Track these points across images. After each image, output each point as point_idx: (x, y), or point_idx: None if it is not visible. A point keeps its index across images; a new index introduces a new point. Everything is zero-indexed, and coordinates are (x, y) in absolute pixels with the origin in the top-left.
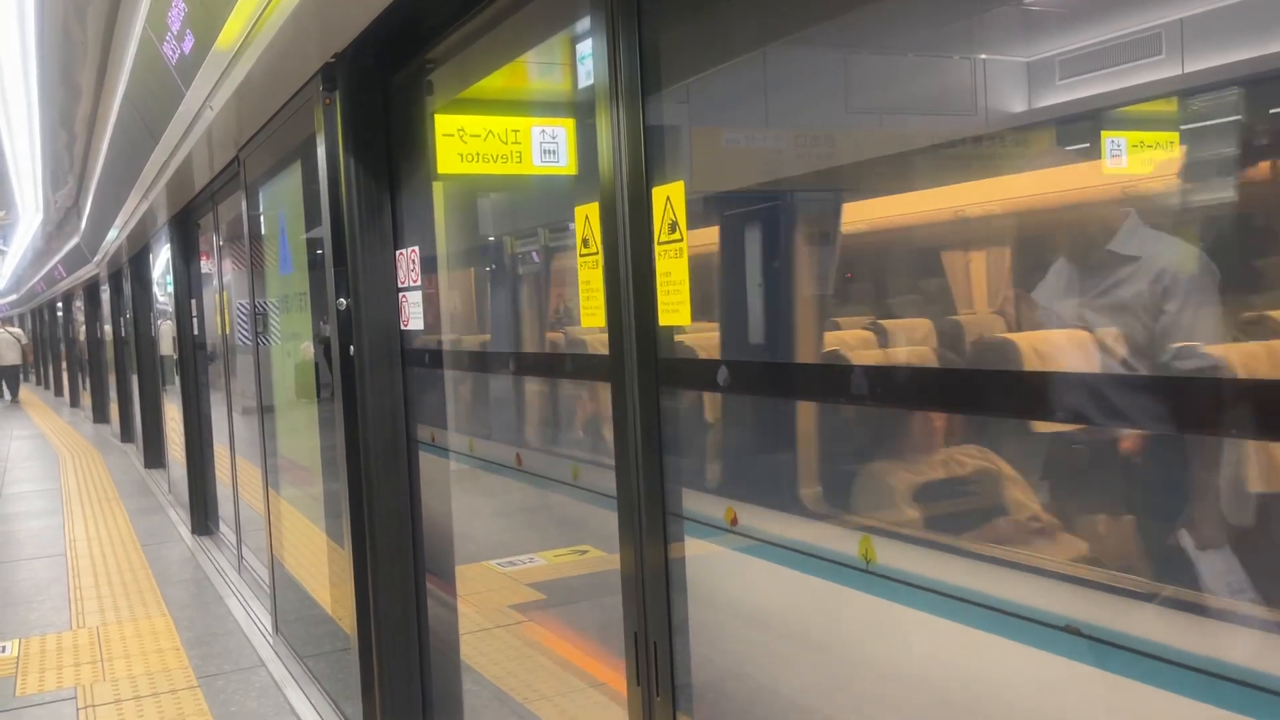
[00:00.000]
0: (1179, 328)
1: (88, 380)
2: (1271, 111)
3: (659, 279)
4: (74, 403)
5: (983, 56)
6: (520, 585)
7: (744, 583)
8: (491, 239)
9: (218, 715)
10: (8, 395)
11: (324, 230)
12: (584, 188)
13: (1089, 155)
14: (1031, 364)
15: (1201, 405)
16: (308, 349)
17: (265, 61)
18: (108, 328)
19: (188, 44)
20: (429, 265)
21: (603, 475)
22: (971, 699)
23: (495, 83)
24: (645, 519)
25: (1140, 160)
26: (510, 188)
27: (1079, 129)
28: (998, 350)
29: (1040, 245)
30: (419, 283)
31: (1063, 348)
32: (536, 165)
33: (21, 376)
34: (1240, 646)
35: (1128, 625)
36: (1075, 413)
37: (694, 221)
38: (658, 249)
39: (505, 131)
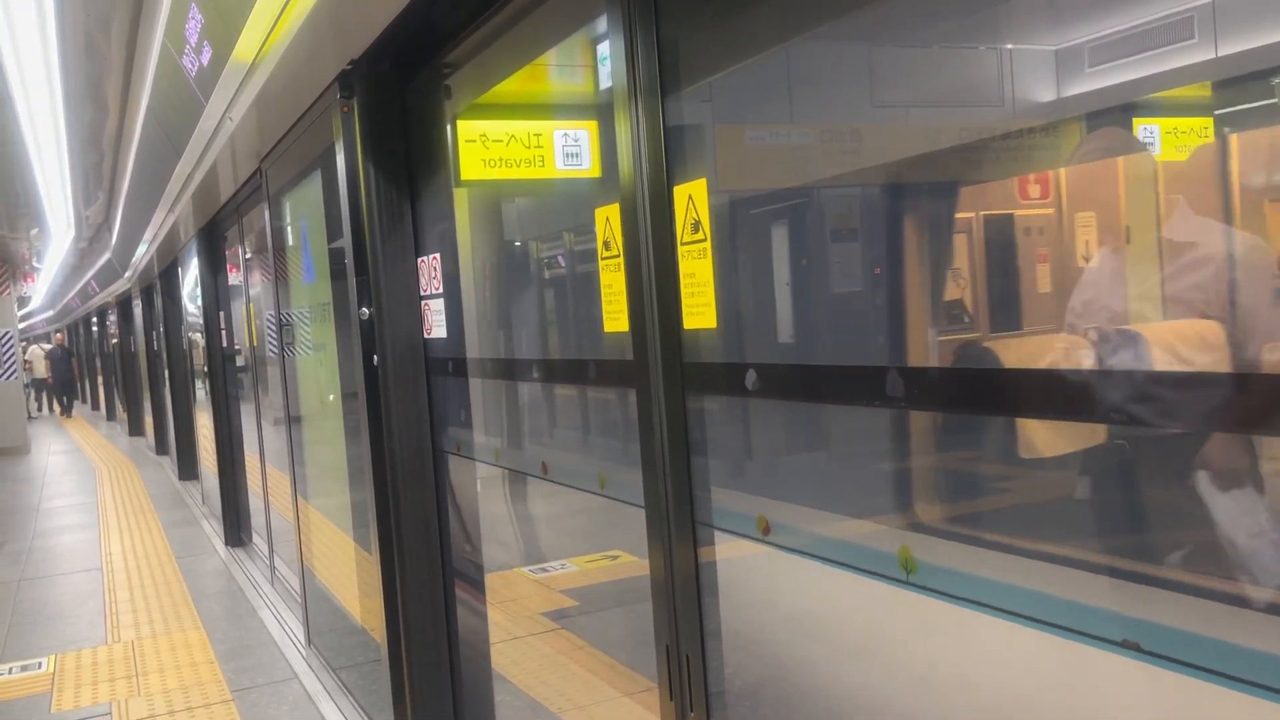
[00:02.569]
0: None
1: (123, 394)
2: None
3: (682, 280)
4: (110, 416)
5: (1009, 46)
6: (553, 592)
7: None
8: None
9: None
10: (44, 408)
11: (345, 239)
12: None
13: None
14: None
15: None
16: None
17: (282, 70)
18: (141, 342)
19: (206, 56)
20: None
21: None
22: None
23: (514, 86)
24: (674, 527)
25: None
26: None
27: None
28: None
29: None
30: (440, 290)
31: None
32: (560, 169)
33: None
34: None
35: None
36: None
37: None
38: (680, 250)
39: (527, 136)
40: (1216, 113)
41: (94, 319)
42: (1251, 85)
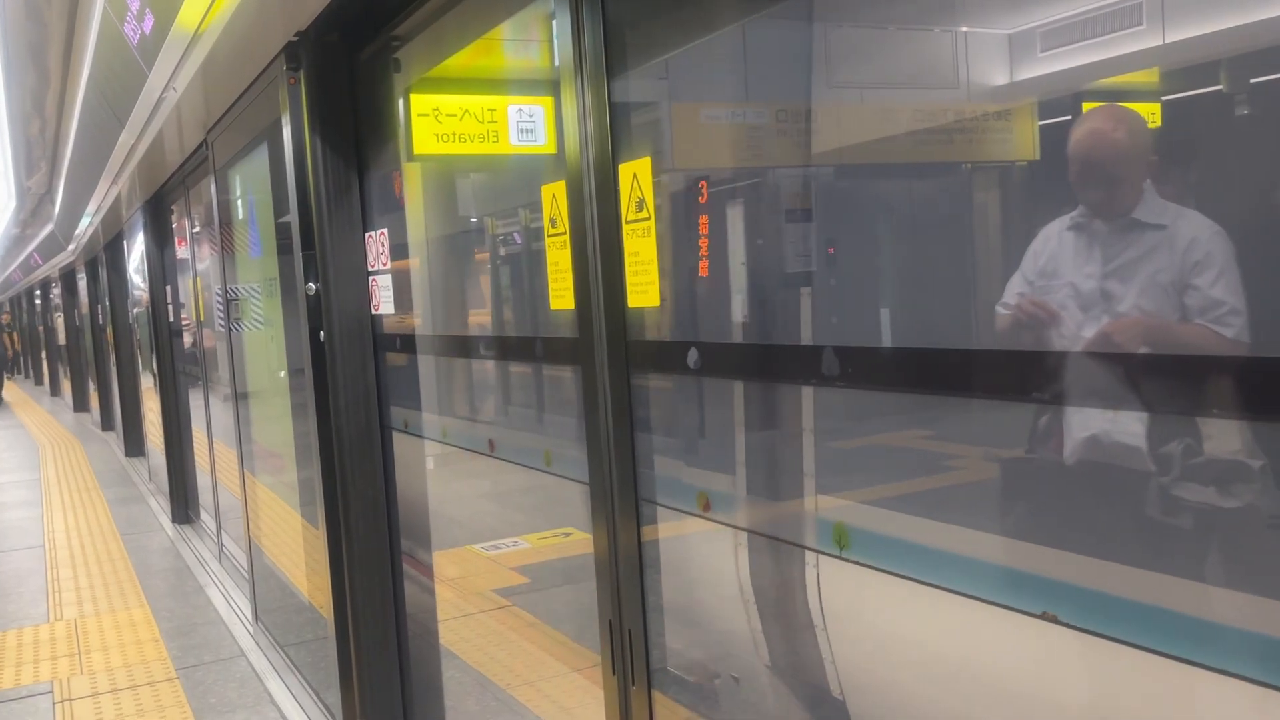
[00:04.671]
0: (1209, 302)
1: (67, 369)
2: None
3: (627, 259)
4: (54, 392)
5: (964, 29)
6: (504, 569)
7: None
8: None
9: (196, 707)
10: None
11: (291, 213)
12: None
13: None
14: None
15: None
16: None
17: (227, 40)
18: (86, 316)
19: (148, 23)
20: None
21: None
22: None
23: (468, 60)
24: (618, 504)
25: None
26: None
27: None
28: None
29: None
30: (388, 266)
31: None
32: (514, 145)
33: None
34: None
35: None
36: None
37: None
38: (625, 228)
39: (481, 110)
40: (1164, 99)
41: (38, 292)
42: (1198, 72)
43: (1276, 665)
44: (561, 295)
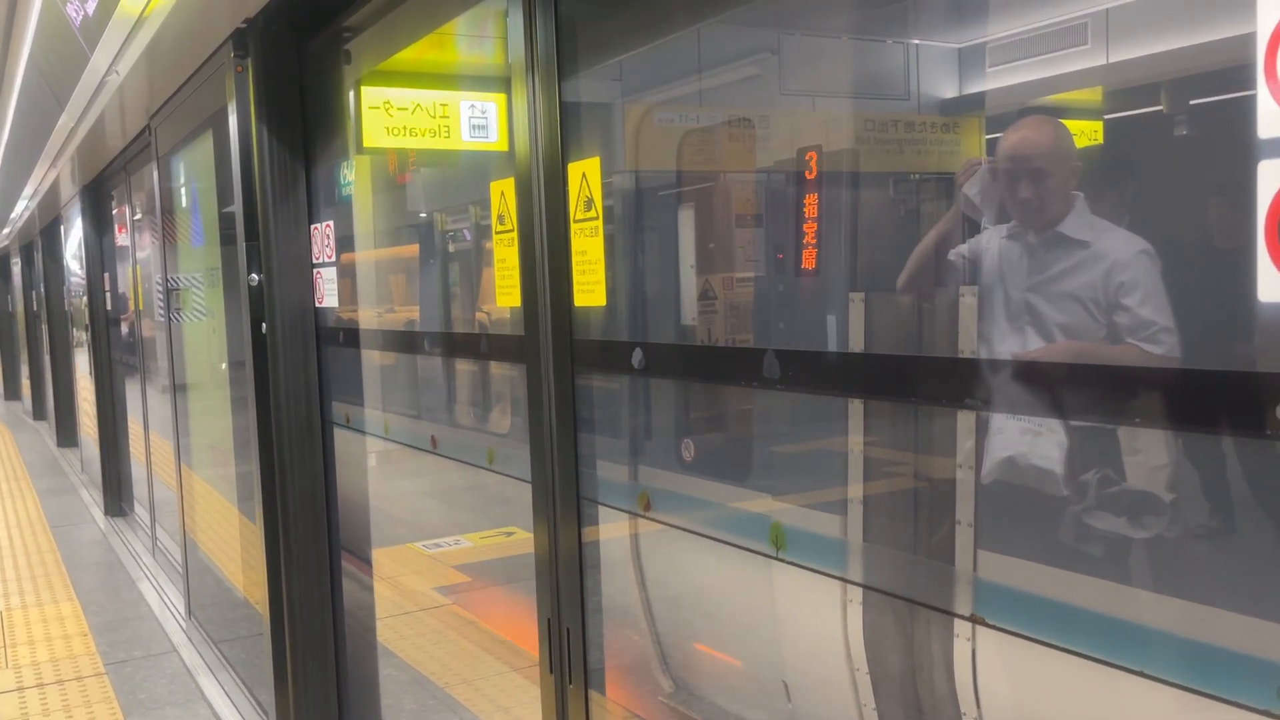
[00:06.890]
0: (1139, 322)
1: None
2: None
3: (574, 258)
4: None
5: (915, 41)
6: (446, 567)
7: None
8: None
9: (125, 703)
10: None
11: (235, 203)
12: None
13: None
14: None
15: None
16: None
17: (172, 25)
18: (19, 302)
19: (91, 4)
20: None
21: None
22: None
23: (418, 55)
24: (559, 503)
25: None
26: None
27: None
28: None
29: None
30: (333, 258)
31: None
32: (466, 141)
33: None
34: None
35: None
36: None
37: None
38: (573, 227)
39: (433, 105)
40: (1106, 116)
41: None
42: (1140, 92)
43: None
44: (508, 292)
